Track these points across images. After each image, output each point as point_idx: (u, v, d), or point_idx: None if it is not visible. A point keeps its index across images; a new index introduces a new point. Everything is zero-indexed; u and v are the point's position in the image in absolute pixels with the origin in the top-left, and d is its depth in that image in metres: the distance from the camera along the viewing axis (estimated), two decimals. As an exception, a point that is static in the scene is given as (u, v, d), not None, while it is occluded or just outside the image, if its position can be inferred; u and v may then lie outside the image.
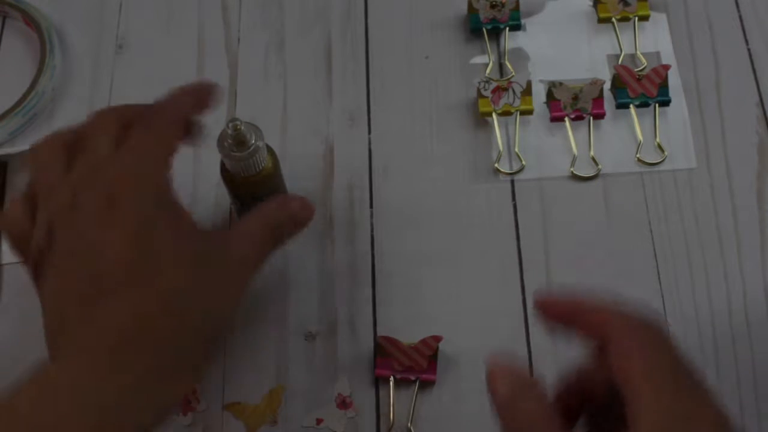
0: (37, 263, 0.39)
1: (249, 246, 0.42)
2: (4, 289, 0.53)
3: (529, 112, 0.57)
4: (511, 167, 0.56)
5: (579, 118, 0.57)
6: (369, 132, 0.58)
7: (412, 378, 0.50)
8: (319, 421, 0.49)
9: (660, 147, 0.56)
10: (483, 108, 0.57)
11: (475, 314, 0.52)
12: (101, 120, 0.42)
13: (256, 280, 0.42)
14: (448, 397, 0.50)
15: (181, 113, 0.44)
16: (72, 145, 0.41)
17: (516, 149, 0.56)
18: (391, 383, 0.50)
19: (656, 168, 0.56)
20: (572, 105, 0.57)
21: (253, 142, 0.45)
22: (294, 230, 0.45)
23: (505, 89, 0.57)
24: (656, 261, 0.53)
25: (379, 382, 0.50)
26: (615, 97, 0.57)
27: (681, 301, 0.52)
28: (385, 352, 0.50)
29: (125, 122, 0.42)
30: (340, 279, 0.53)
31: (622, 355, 0.33)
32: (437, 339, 0.50)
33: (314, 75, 0.60)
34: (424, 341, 0.50)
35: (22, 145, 0.57)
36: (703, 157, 0.56)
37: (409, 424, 0.49)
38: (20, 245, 0.41)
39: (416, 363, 0.49)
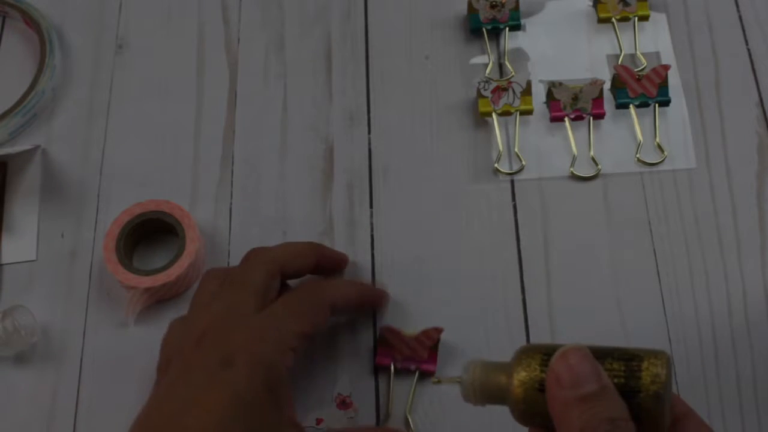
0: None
1: None
2: (4, 289, 0.53)
3: (529, 112, 0.57)
4: (511, 167, 0.56)
5: (579, 118, 0.57)
6: (369, 132, 0.58)
7: (412, 368, 0.50)
8: (319, 421, 0.49)
9: (660, 147, 0.56)
10: (483, 108, 0.57)
11: (474, 314, 0.52)
12: (251, 263, 0.46)
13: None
14: (447, 388, 0.50)
15: (345, 301, 0.48)
16: (225, 276, 0.45)
17: (516, 149, 0.56)
18: (391, 372, 0.50)
19: (656, 168, 0.56)
20: (572, 105, 0.57)
21: None
22: None
23: (505, 89, 0.57)
24: (656, 261, 0.53)
25: (378, 372, 0.50)
26: (615, 97, 0.57)
27: (681, 301, 0.52)
28: (386, 342, 0.50)
29: (276, 270, 0.45)
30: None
31: None
32: (439, 330, 0.50)
33: (314, 75, 0.60)
34: (425, 332, 0.50)
35: (22, 145, 0.57)
36: (703, 157, 0.56)
37: (407, 413, 0.49)
38: None
39: (416, 353, 0.50)
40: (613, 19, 0.60)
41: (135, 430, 0.40)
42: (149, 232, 0.54)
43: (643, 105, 0.57)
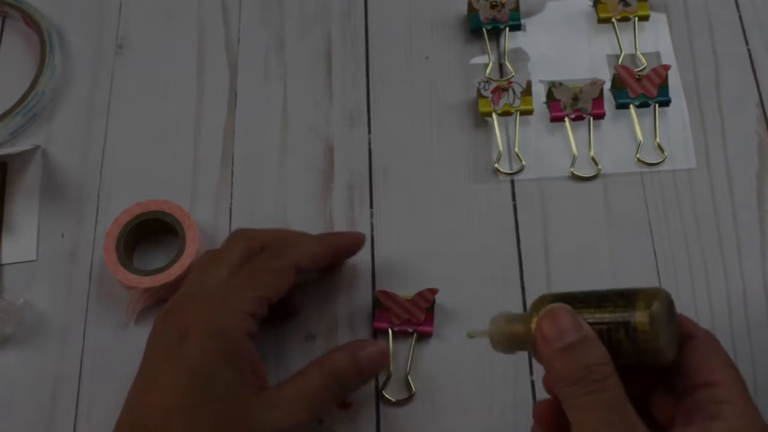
0: None
1: (297, 412, 0.43)
2: (4, 289, 0.53)
3: (529, 112, 0.57)
4: (511, 167, 0.56)
5: (579, 118, 0.57)
6: (369, 132, 0.58)
7: (410, 330, 0.50)
8: (319, 422, 0.49)
9: (660, 147, 0.56)
10: (483, 108, 0.57)
11: (474, 314, 0.52)
12: (232, 241, 0.48)
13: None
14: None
15: (310, 259, 0.47)
16: (211, 256, 0.47)
17: (516, 149, 0.56)
18: (390, 335, 0.50)
19: (656, 168, 0.56)
20: (572, 105, 0.57)
21: None
22: (360, 384, 0.47)
23: (505, 89, 0.57)
24: (656, 261, 0.53)
25: (377, 336, 0.51)
26: (615, 98, 0.57)
27: (681, 301, 0.52)
28: (382, 306, 0.51)
29: (257, 246, 0.47)
30: (339, 279, 0.53)
31: (711, 353, 0.38)
32: (433, 291, 0.50)
33: (314, 75, 0.60)
34: (420, 294, 0.51)
35: (22, 145, 0.57)
36: (703, 157, 0.56)
37: (407, 375, 0.49)
38: None
39: (413, 315, 0.50)
40: (613, 19, 0.60)
41: (122, 411, 0.43)
42: (149, 232, 0.54)
43: (643, 105, 0.57)
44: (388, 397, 0.49)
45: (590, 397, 0.36)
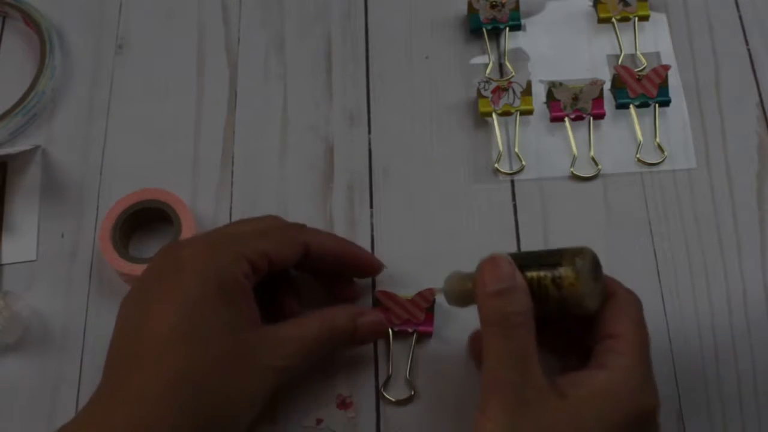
0: None
1: (291, 354, 0.44)
2: (6, 295, 0.53)
3: (529, 112, 0.57)
4: (511, 167, 0.56)
5: (579, 118, 0.57)
6: (369, 132, 0.58)
7: (410, 330, 0.50)
8: (319, 421, 0.49)
9: (660, 147, 0.56)
10: (483, 108, 0.57)
11: (474, 314, 0.51)
12: (260, 216, 0.49)
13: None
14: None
15: (321, 247, 0.47)
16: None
17: (516, 149, 0.56)
18: (390, 335, 0.50)
19: (656, 168, 0.56)
20: (572, 105, 0.57)
21: None
22: (354, 345, 0.48)
23: (505, 89, 0.57)
24: (656, 261, 0.53)
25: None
26: (615, 98, 0.57)
27: (681, 301, 0.52)
28: (382, 306, 0.51)
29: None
30: (339, 279, 0.53)
31: (623, 309, 0.42)
32: (433, 292, 0.51)
33: (314, 75, 0.60)
34: (420, 294, 0.51)
35: (22, 145, 0.57)
36: (703, 157, 0.56)
37: (407, 375, 0.49)
38: None
39: (413, 315, 0.50)
40: (613, 19, 0.60)
41: (113, 337, 0.43)
42: (144, 222, 0.54)
43: (643, 105, 0.57)
44: (388, 397, 0.49)
45: (500, 340, 0.40)
